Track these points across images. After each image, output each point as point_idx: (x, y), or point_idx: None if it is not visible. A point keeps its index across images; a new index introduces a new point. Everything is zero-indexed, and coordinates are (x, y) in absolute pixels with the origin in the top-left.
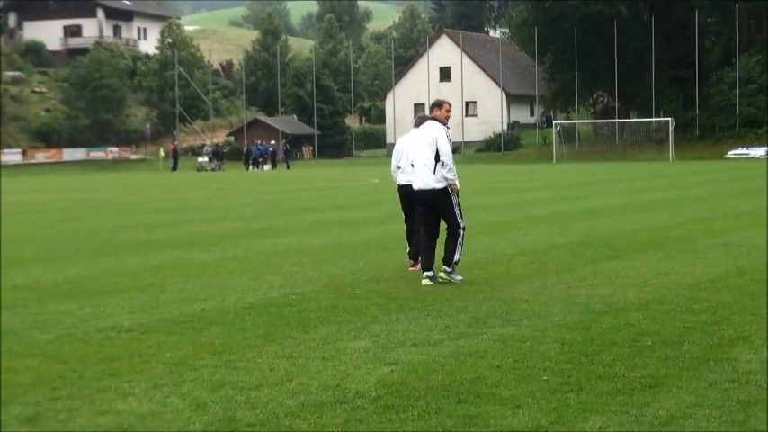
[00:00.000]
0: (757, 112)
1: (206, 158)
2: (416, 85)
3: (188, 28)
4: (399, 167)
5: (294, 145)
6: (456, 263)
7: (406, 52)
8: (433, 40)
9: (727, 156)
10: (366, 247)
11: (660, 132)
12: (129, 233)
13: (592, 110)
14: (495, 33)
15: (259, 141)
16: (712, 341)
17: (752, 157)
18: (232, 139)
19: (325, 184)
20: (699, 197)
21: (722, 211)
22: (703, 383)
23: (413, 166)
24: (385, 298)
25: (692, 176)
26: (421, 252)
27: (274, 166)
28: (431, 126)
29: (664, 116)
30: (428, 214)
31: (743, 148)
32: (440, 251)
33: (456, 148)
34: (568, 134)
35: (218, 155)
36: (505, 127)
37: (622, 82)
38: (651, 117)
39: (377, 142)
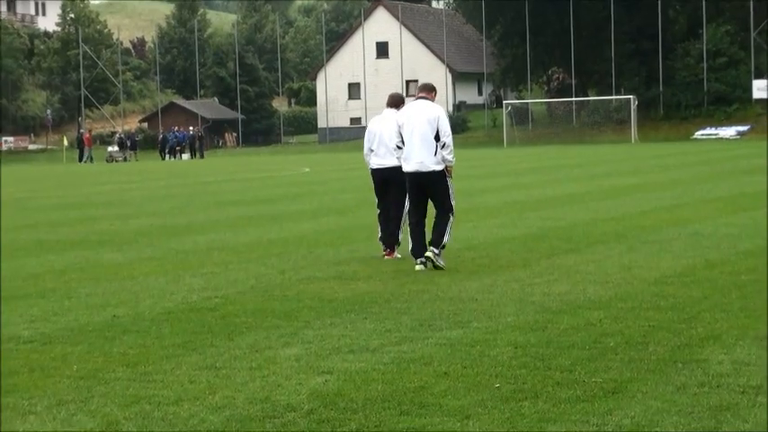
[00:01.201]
0: (726, 88)
1: (116, 147)
2: (351, 63)
3: (93, 2)
4: (372, 150)
5: (216, 131)
6: (443, 246)
7: (339, 26)
8: (368, 13)
9: (695, 136)
10: (297, 243)
11: (621, 112)
12: (27, 232)
13: (546, 88)
14: (439, 4)
15: (176, 128)
16: (680, 341)
17: (721, 138)
18: (145, 125)
19: (251, 175)
20: (664, 182)
21: (690, 198)
22: (670, 388)
23: (399, 147)
24: (318, 300)
25: (657, 160)
26: (412, 238)
27: (193, 154)
28: (431, 105)
29: (625, 94)
30: (420, 196)
31: (711, 127)
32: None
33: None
34: (520, 115)
35: (129, 143)
36: (451, 108)
37: (579, 57)
38: (611, 95)
39: (307, 127)
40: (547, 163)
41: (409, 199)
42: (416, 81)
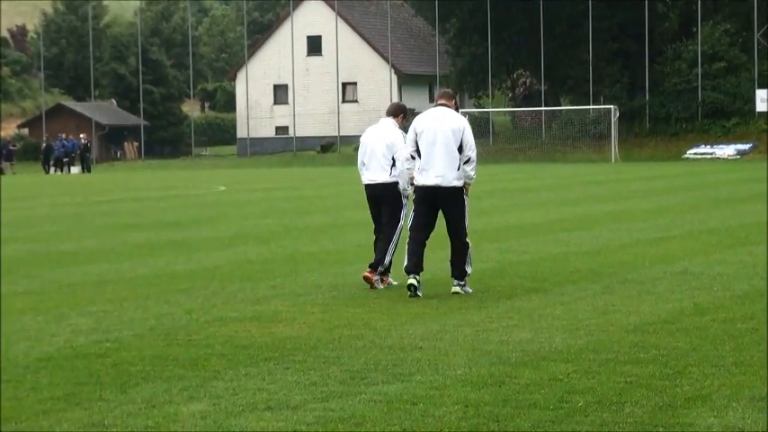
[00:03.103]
0: (725, 99)
1: None
2: (277, 61)
3: None
4: (365, 164)
5: (113, 139)
6: (468, 275)
7: (263, 16)
8: (298, 1)
9: (687, 156)
10: (208, 277)
11: (600, 125)
12: None
13: (510, 95)
14: None
15: (64, 135)
16: (662, 401)
17: (718, 158)
18: (26, 131)
19: (154, 193)
20: (648, 211)
21: (678, 230)
22: None
23: (412, 157)
24: (231, 346)
25: (641, 183)
26: (410, 253)
27: (85, 167)
28: (454, 114)
29: (604, 103)
30: (431, 214)
31: (706, 145)
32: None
33: (330, 144)
34: (479, 127)
35: (4, 153)
36: None
37: (550, 58)
38: (588, 104)
39: (224, 137)
40: (509, 185)
41: (417, 215)
42: (355, 84)
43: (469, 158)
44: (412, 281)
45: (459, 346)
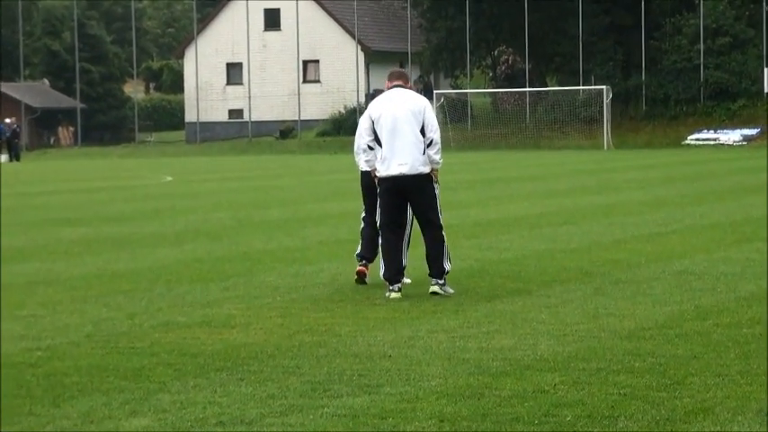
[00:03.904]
0: (730, 78)
1: None
2: (230, 37)
3: None
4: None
5: (46, 124)
6: (447, 272)
7: None
8: None
9: (687, 142)
10: (153, 278)
11: (591, 107)
12: None
13: (491, 74)
14: None
15: None
16: (660, 414)
17: (722, 144)
18: None
19: (93, 184)
20: (644, 203)
21: (678, 224)
22: None
23: (370, 148)
24: (179, 354)
25: (636, 172)
26: (386, 259)
27: (14, 156)
28: (413, 94)
29: (596, 83)
30: (400, 207)
31: (709, 130)
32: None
33: (289, 130)
34: (456, 109)
35: None
36: (363, 98)
37: (535, 33)
38: (578, 85)
39: (171, 121)
40: (490, 174)
41: (385, 211)
42: (317, 62)
43: (432, 140)
44: (397, 295)
45: (433, 354)
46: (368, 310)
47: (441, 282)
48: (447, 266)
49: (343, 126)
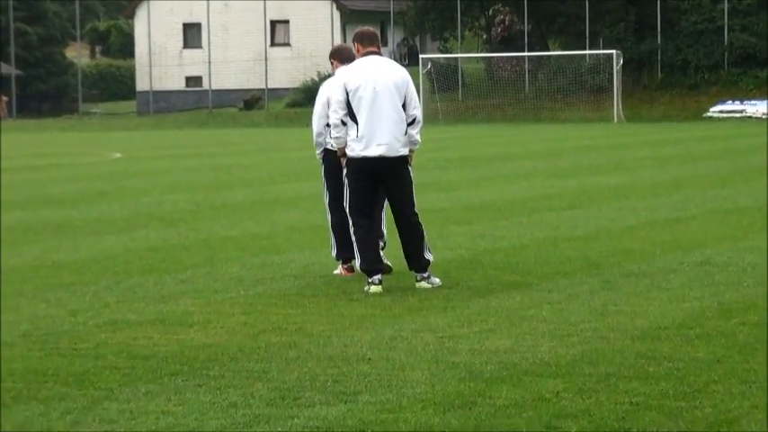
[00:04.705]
0: (758, 42)
1: None
2: None
3: None
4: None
5: None
6: (430, 263)
7: None
8: None
9: (709, 114)
10: (99, 269)
11: (599, 75)
12: None
13: (485, 36)
14: None
15: None
16: (677, 427)
17: (748, 117)
18: None
19: (30, 161)
20: (660, 184)
21: (698, 208)
22: None
23: (343, 123)
24: (128, 357)
25: (651, 149)
26: (361, 249)
27: None
28: (392, 64)
29: (604, 47)
30: (373, 191)
31: (734, 101)
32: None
33: (255, 99)
34: (445, 77)
35: None
36: None
37: None
38: (584, 49)
39: (121, 90)
40: (483, 150)
41: (354, 194)
42: (287, 23)
43: (415, 118)
44: (377, 288)
45: (418, 356)
46: (344, 306)
47: (425, 275)
48: (429, 257)
49: (316, 96)
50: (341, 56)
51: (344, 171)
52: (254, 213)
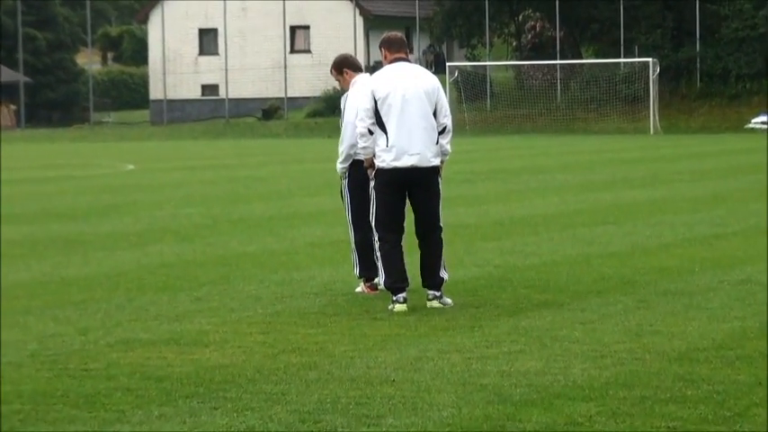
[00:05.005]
0: None
1: None
2: None
3: None
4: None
5: None
6: (445, 282)
7: None
8: None
9: (750, 125)
10: (111, 285)
11: (634, 84)
12: None
13: (514, 43)
14: None
15: None
16: None
17: None
18: None
19: (39, 173)
20: (699, 199)
21: (739, 224)
22: None
23: (371, 132)
24: (141, 378)
25: (688, 162)
26: (387, 265)
27: None
28: (422, 70)
29: (640, 55)
30: (401, 203)
31: None
32: None
33: (274, 109)
34: (473, 86)
35: None
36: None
37: None
38: (619, 57)
39: (133, 98)
40: (513, 163)
41: (385, 209)
42: (307, 28)
43: (446, 127)
44: (402, 307)
45: (444, 378)
46: (367, 325)
47: (438, 294)
48: (445, 275)
49: (338, 105)
50: (353, 64)
51: (371, 183)
52: (273, 228)
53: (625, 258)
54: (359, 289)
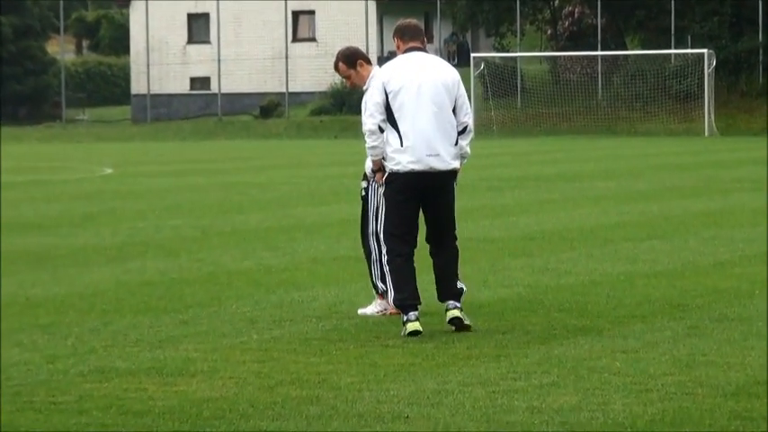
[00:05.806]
0: None
1: None
2: None
3: None
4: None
5: None
6: (465, 292)
7: None
8: None
9: None
10: (84, 307)
11: (687, 79)
12: None
13: (549, 32)
14: None
15: None
16: None
17: None
18: None
19: (4, 178)
20: (760, 210)
21: None
22: None
23: (381, 130)
24: (118, 412)
25: (749, 168)
26: (397, 280)
27: None
28: (440, 62)
29: (694, 46)
30: (415, 211)
31: None
32: None
33: (274, 105)
34: (501, 80)
35: None
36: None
37: None
38: (669, 48)
39: (112, 93)
40: (546, 169)
41: (397, 216)
42: (311, 13)
43: (466, 127)
44: (415, 325)
45: (466, 415)
46: (377, 353)
47: (458, 304)
48: (462, 286)
49: (346, 101)
50: (366, 56)
51: (380, 189)
52: (271, 242)
53: (674, 278)
54: (367, 310)
